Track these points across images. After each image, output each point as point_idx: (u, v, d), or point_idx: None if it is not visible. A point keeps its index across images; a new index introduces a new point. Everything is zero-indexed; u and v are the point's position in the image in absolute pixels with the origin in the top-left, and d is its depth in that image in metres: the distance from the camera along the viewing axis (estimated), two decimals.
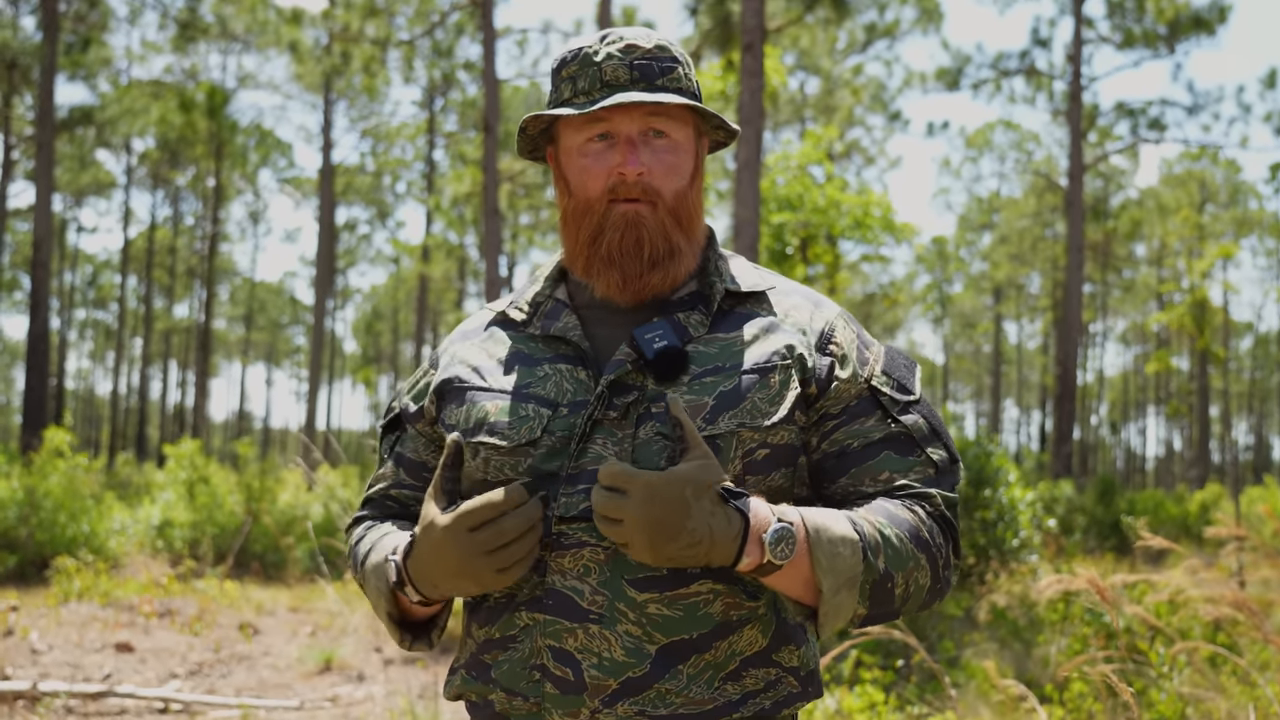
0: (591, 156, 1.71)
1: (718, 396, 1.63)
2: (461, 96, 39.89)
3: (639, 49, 1.70)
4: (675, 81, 1.71)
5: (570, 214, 1.75)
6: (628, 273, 1.70)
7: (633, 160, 1.68)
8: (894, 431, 1.70)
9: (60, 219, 45.44)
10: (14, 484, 12.89)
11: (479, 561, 1.55)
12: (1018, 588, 10.61)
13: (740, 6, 13.01)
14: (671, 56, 1.73)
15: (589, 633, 1.59)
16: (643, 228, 1.69)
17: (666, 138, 1.71)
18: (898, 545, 1.59)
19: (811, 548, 1.53)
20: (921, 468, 1.69)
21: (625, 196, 1.69)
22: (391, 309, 58.07)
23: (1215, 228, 46.63)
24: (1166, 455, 65.82)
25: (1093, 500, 20.61)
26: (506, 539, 1.54)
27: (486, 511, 1.54)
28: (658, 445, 1.61)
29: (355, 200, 49.29)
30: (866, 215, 14.80)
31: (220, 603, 10.78)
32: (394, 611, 1.74)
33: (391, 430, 1.89)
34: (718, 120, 1.76)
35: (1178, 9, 29.56)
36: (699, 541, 1.47)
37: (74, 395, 62.67)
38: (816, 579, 1.53)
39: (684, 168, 1.73)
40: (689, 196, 1.73)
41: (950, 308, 57.96)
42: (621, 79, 1.68)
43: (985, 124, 48.27)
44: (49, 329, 23.21)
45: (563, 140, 1.75)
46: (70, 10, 28.23)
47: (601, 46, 1.71)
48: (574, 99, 1.70)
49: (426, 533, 1.60)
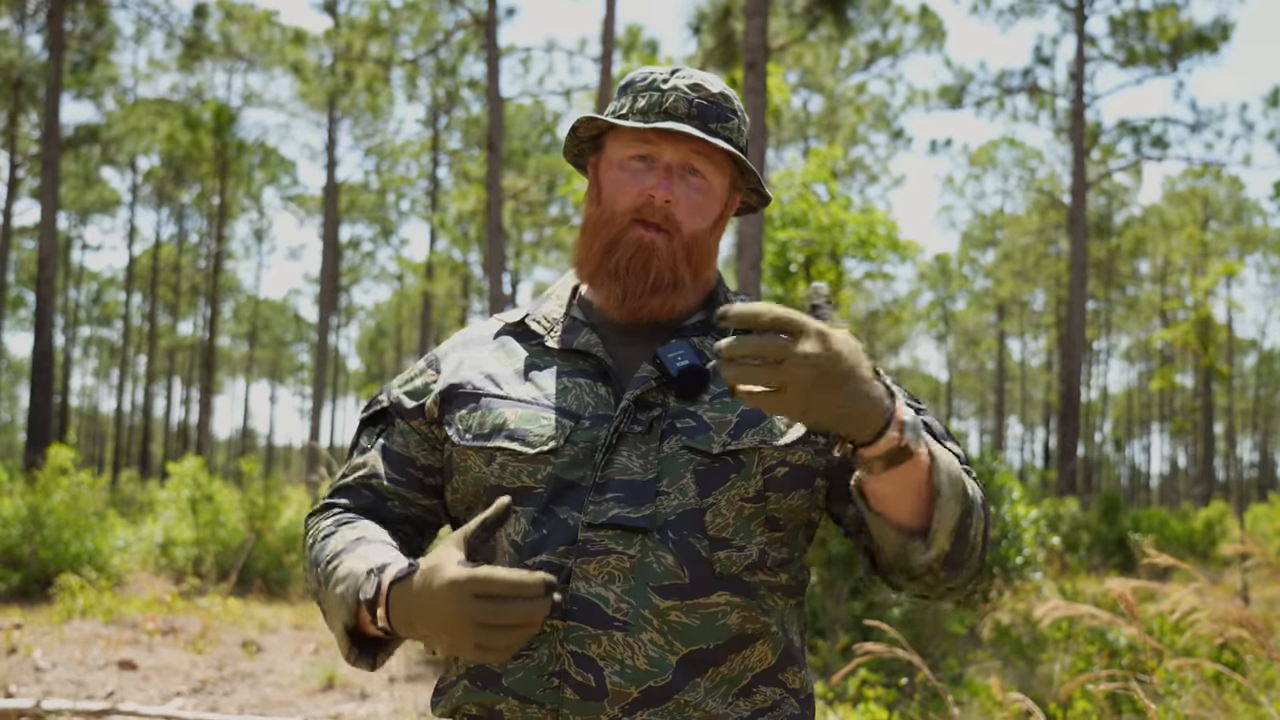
0: (629, 172, 1.76)
1: (741, 414, 1.68)
2: (465, 114, 40.00)
3: (705, 90, 1.77)
4: (728, 130, 1.77)
5: (593, 221, 1.80)
6: (629, 289, 1.74)
7: (664, 186, 1.73)
8: None
9: (65, 237, 45.52)
10: (18, 501, 12.89)
11: (466, 628, 1.43)
12: (1022, 605, 10.60)
13: (743, 25, 13.04)
14: (732, 108, 1.79)
15: (613, 640, 1.59)
16: (653, 254, 1.74)
17: (703, 178, 1.76)
18: (974, 488, 1.61)
19: (932, 449, 1.52)
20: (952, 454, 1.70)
21: (647, 219, 1.74)
22: (395, 326, 58.13)
23: (1219, 245, 46.64)
24: (1171, 473, 65.74)
25: (1097, 518, 20.59)
26: (504, 622, 1.42)
27: (502, 587, 1.42)
28: (683, 459, 1.65)
29: (359, 218, 49.38)
30: (871, 233, 14.82)
31: (223, 620, 10.77)
32: (351, 624, 1.63)
33: (374, 423, 1.87)
34: (755, 182, 1.82)
35: (1180, 27, 29.64)
36: (854, 401, 1.41)
37: (78, 412, 62.72)
38: (934, 480, 1.52)
39: (709, 211, 1.78)
40: (705, 239, 1.78)
41: (954, 325, 57.98)
42: (680, 111, 1.74)
43: (988, 141, 48.41)
44: (53, 346, 23.25)
45: (607, 151, 1.81)
46: (76, 29, 28.36)
47: (672, 78, 1.78)
48: (630, 115, 1.76)
49: (431, 574, 1.48)
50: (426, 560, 1.51)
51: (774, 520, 1.68)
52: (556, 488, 1.66)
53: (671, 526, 1.62)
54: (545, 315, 1.84)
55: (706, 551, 1.63)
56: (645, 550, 1.61)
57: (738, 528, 1.64)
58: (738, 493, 1.64)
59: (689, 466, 1.65)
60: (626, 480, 1.64)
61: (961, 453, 1.73)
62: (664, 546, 1.61)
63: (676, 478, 1.64)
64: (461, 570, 1.44)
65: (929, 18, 35.41)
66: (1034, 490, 21.58)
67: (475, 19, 22.27)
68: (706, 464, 1.65)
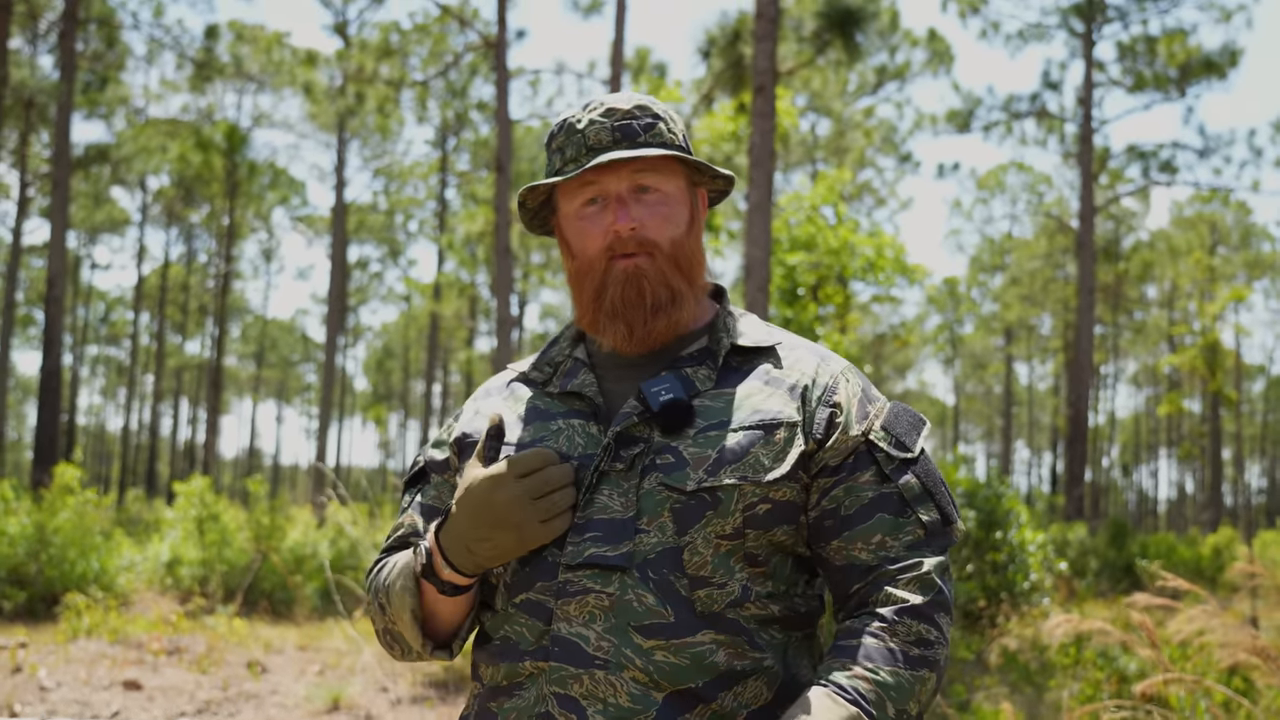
0: (586, 219, 1.78)
1: (720, 450, 1.66)
2: (474, 136, 40.12)
3: (618, 110, 1.77)
4: (658, 137, 1.77)
5: (575, 275, 1.81)
6: (632, 322, 1.75)
7: (623, 216, 1.74)
8: (886, 492, 1.69)
9: (74, 256, 45.68)
10: (24, 519, 12.89)
11: (526, 509, 1.61)
12: (1029, 631, 10.56)
13: (752, 49, 13.07)
14: (652, 113, 1.79)
15: (595, 679, 1.60)
16: (643, 279, 1.75)
17: (655, 191, 1.77)
18: (900, 682, 1.58)
19: None
20: (912, 528, 1.68)
21: (623, 252, 1.75)
22: (402, 347, 58.17)
23: (1226, 270, 46.60)
24: (1178, 498, 65.55)
25: (1105, 543, 20.53)
26: (552, 486, 1.62)
27: (535, 460, 1.63)
28: (660, 495, 1.65)
29: (367, 238, 49.46)
30: (879, 257, 14.82)
31: (229, 640, 10.75)
32: (417, 609, 1.75)
33: (415, 484, 1.93)
34: (709, 169, 1.81)
35: (1189, 53, 29.68)
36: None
37: (85, 431, 62.76)
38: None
39: (678, 217, 1.78)
40: (686, 244, 1.79)
41: (961, 348, 57.91)
42: (605, 141, 1.75)
43: (997, 166, 48.41)
44: (61, 365, 23.28)
45: (561, 208, 1.83)
46: (88, 50, 28.50)
47: (584, 114, 1.78)
48: (564, 168, 1.77)
49: (469, 490, 1.66)
50: (456, 494, 1.69)
51: (753, 556, 1.66)
52: None
53: (651, 565, 1.62)
54: (549, 361, 1.88)
55: (686, 590, 1.62)
56: (624, 588, 1.62)
57: (716, 565, 1.64)
58: (714, 530, 1.63)
59: (666, 504, 1.64)
60: (606, 519, 1.65)
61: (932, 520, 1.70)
62: (644, 585, 1.61)
63: (655, 515, 1.64)
64: (495, 466, 1.66)
65: (937, 42, 35.48)
66: (1041, 515, 21.51)
67: (485, 41, 22.35)
68: (683, 501, 1.64)
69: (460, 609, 1.75)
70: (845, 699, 1.54)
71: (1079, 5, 29.77)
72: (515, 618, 1.68)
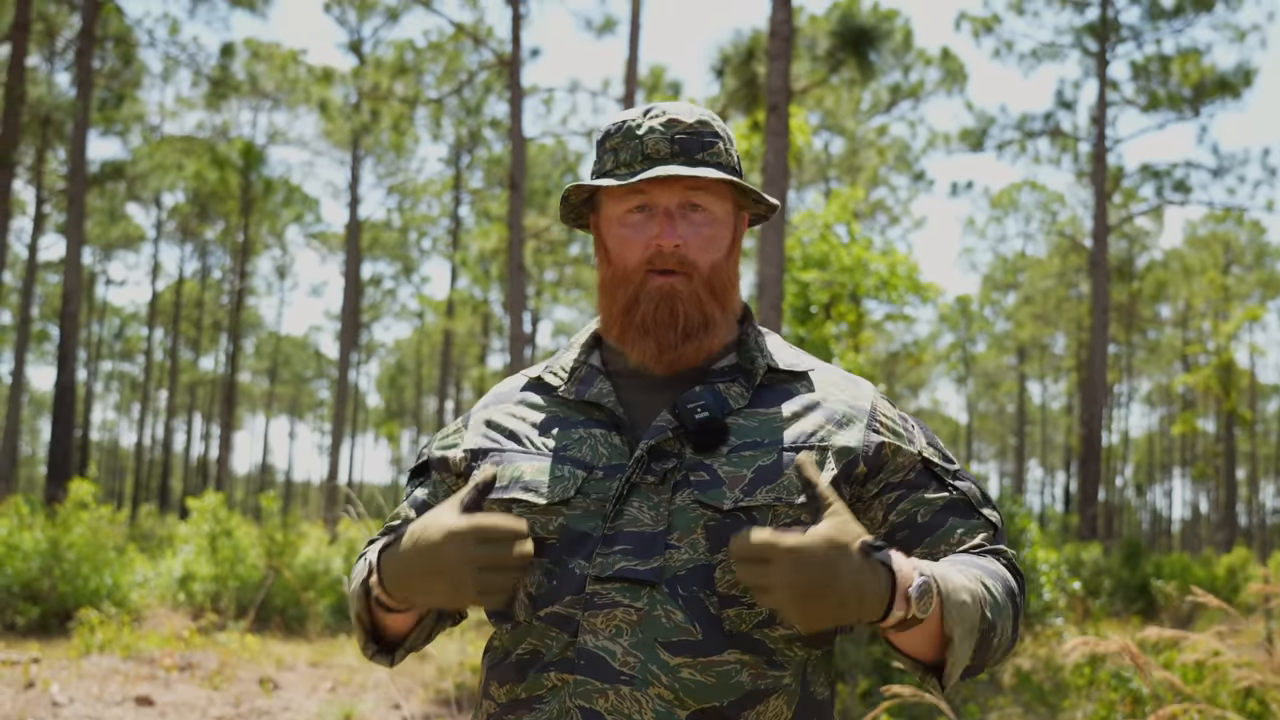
0: (630, 227, 1.75)
1: (756, 470, 1.66)
2: (487, 154, 40.21)
3: (681, 124, 1.74)
4: (715, 156, 1.75)
5: (608, 282, 1.78)
6: (663, 343, 1.73)
7: (669, 233, 1.71)
8: (954, 498, 1.74)
9: (89, 272, 45.84)
10: (38, 535, 12.92)
11: (468, 573, 1.49)
12: (1043, 651, 10.52)
13: (766, 68, 13.10)
14: (713, 132, 1.76)
15: (620, 694, 1.58)
16: (677, 300, 1.72)
17: (704, 211, 1.74)
18: (997, 596, 1.62)
19: (943, 599, 1.52)
20: (984, 528, 1.74)
21: (661, 268, 1.72)
22: (415, 363, 58.22)
23: (1240, 290, 46.47)
24: (1193, 518, 65.27)
25: (1119, 563, 20.44)
26: (505, 564, 1.50)
27: (503, 533, 1.50)
28: (694, 513, 1.63)
29: (381, 255, 49.57)
30: (892, 275, 14.82)
31: (241, 657, 10.75)
32: (363, 613, 1.72)
33: (417, 477, 1.92)
34: (756, 195, 1.79)
35: (1202, 72, 29.66)
36: (846, 600, 1.43)
37: (98, 446, 62.90)
38: (946, 627, 1.53)
39: (721, 240, 1.76)
40: (724, 269, 1.76)
41: (974, 367, 57.79)
42: (662, 153, 1.72)
43: (1010, 184, 48.38)
44: (75, 381, 23.35)
45: (604, 209, 1.79)
46: (105, 67, 28.66)
47: (644, 120, 1.75)
48: (616, 170, 1.74)
49: (424, 530, 1.55)
50: (415, 522, 1.59)
51: None
52: (569, 539, 1.67)
53: (681, 581, 1.61)
54: (562, 367, 1.84)
55: (716, 608, 1.61)
56: (653, 603, 1.60)
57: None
58: None
59: (700, 521, 1.63)
60: (636, 532, 1.63)
61: (998, 521, 1.77)
62: (672, 601, 1.60)
63: (687, 532, 1.63)
64: (462, 519, 1.52)
65: (950, 61, 35.51)
66: (1055, 535, 21.45)
67: (499, 59, 22.43)
68: (717, 520, 1.63)
69: (403, 620, 1.72)
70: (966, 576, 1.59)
71: (1093, 25, 29.79)
72: (540, 630, 1.66)
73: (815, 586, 1.40)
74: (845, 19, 17.79)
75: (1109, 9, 29.58)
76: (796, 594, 1.40)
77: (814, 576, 1.40)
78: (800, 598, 1.40)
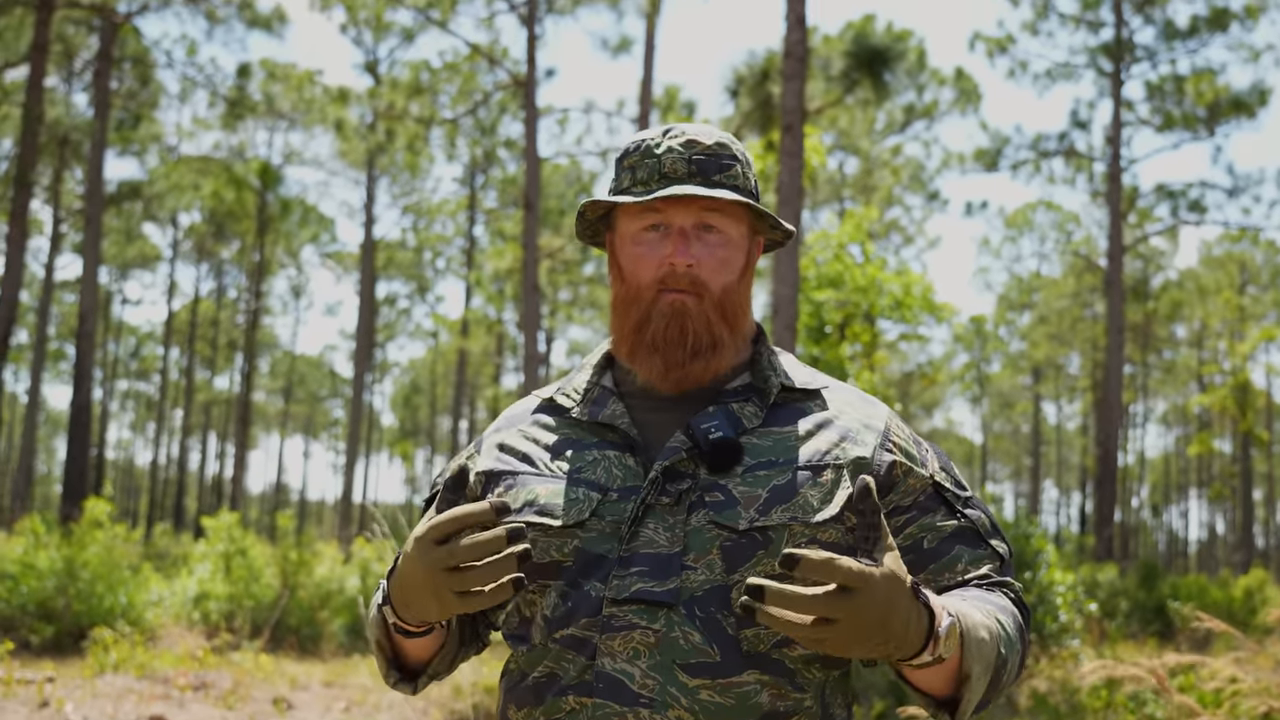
0: (645, 245, 1.75)
1: (771, 489, 1.65)
2: (502, 174, 40.31)
3: (699, 144, 1.74)
4: (733, 179, 1.74)
5: (620, 300, 1.78)
6: (669, 360, 1.72)
7: (682, 252, 1.71)
8: (962, 526, 1.73)
9: (106, 291, 46.04)
10: (53, 554, 12.94)
11: (439, 578, 1.48)
12: (1059, 673, 10.46)
13: (780, 88, 13.13)
14: (731, 154, 1.76)
15: (639, 717, 1.58)
16: (687, 318, 1.72)
17: (719, 233, 1.74)
18: (1009, 633, 1.62)
19: (964, 636, 1.50)
20: (991, 559, 1.73)
21: (674, 287, 1.72)
22: (430, 383, 58.30)
23: (1256, 310, 46.31)
24: (1209, 539, 64.91)
25: (1135, 584, 20.34)
26: (461, 560, 1.46)
27: (448, 525, 1.48)
28: (710, 534, 1.63)
29: (396, 275, 49.71)
30: (906, 295, 14.82)
31: (255, 676, 10.75)
32: (383, 639, 1.72)
33: (432, 504, 1.90)
34: (773, 220, 1.79)
35: (1217, 92, 29.63)
36: (890, 639, 1.40)
37: (114, 465, 63.07)
38: (965, 667, 1.52)
39: (734, 263, 1.76)
40: (736, 291, 1.76)
41: (988, 387, 57.66)
42: (679, 172, 1.72)
43: (1025, 204, 48.34)
44: (91, 400, 23.44)
45: (619, 227, 1.79)
46: (122, 88, 28.84)
47: (663, 140, 1.75)
48: (632, 188, 1.74)
49: (407, 544, 1.56)
50: None
51: None
52: (584, 561, 1.66)
53: (698, 603, 1.61)
54: (575, 388, 1.84)
55: (733, 629, 1.61)
56: (670, 625, 1.60)
57: None
58: (763, 569, 1.61)
59: (716, 542, 1.63)
60: (652, 554, 1.63)
61: (1005, 552, 1.75)
62: (690, 623, 1.60)
63: (703, 553, 1.62)
64: (423, 523, 1.51)
65: (965, 81, 35.54)
66: (1071, 556, 21.36)
67: (514, 80, 22.51)
68: (734, 540, 1.63)
69: (423, 646, 1.72)
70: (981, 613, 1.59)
71: (1107, 45, 29.79)
72: (556, 653, 1.65)
73: (875, 622, 1.38)
74: (860, 39, 17.83)
75: (1123, 29, 29.58)
76: (858, 627, 1.37)
77: (881, 613, 1.38)
78: (859, 630, 1.37)
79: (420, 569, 1.50)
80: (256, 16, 27.68)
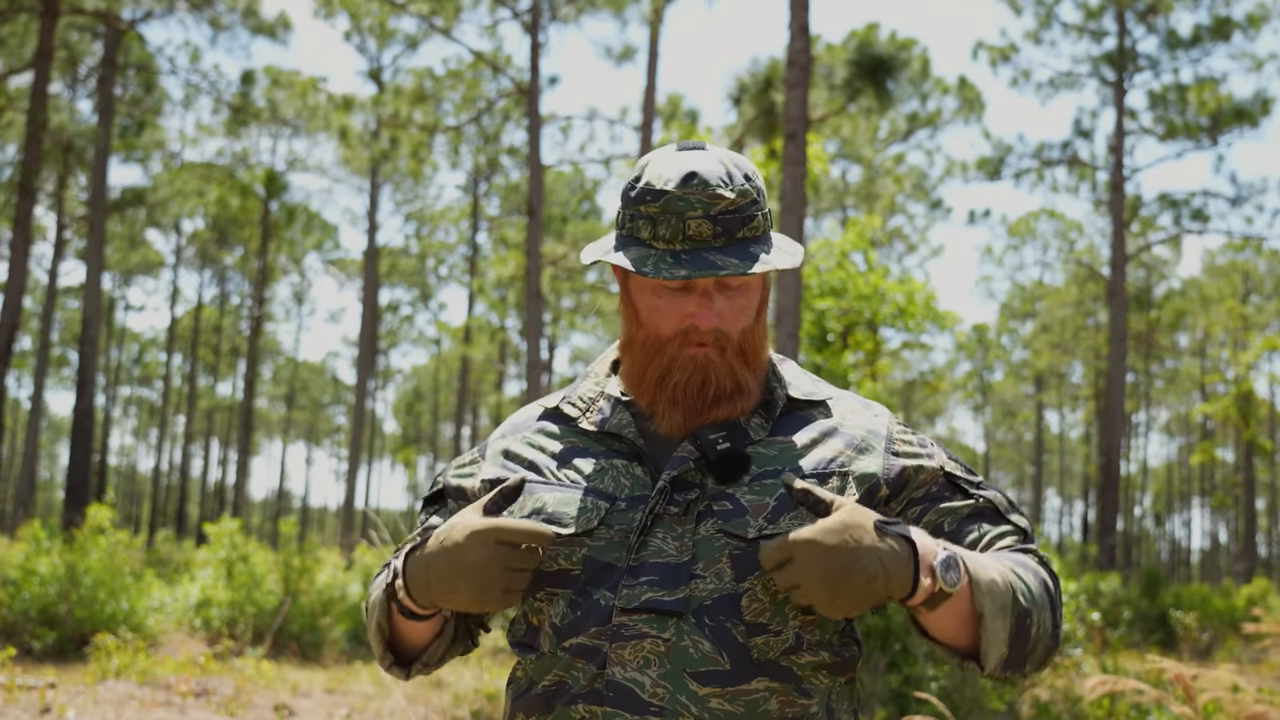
0: (665, 298, 1.72)
1: (779, 498, 1.66)
2: (505, 181, 40.33)
3: (722, 199, 1.67)
4: (755, 230, 1.70)
5: (639, 344, 1.76)
6: (688, 412, 1.73)
7: (707, 315, 1.69)
8: (980, 505, 1.75)
9: (109, 297, 46.10)
10: (55, 560, 12.95)
11: (493, 573, 1.58)
12: (1061, 682, 10.44)
13: (783, 96, 13.15)
14: (752, 200, 1.70)
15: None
16: (710, 370, 1.71)
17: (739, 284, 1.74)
18: (1030, 584, 1.63)
19: (971, 574, 1.54)
20: (1013, 533, 1.74)
21: (696, 341, 1.71)
22: (432, 390, 58.33)
23: (1259, 319, 46.28)
24: (1212, 548, 64.85)
25: (1138, 593, 20.33)
26: (521, 564, 1.59)
27: (525, 536, 1.58)
28: (719, 542, 1.64)
29: (399, 282, 49.75)
30: (909, 303, 14.81)
31: (257, 683, 10.74)
32: (384, 623, 1.76)
33: (432, 504, 1.92)
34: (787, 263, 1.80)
35: (1220, 101, 29.65)
36: (874, 577, 1.48)
37: (116, 471, 63.10)
38: (976, 604, 1.54)
39: (751, 306, 1.75)
40: (755, 332, 1.76)
41: (991, 396, 57.64)
42: (705, 234, 1.66)
43: (1028, 213, 48.30)
44: (94, 406, 23.45)
45: None
46: (126, 94, 28.90)
47: (684, 192, 1.67)
48: (654, 242, 1.68)
49: (449, 532, 1.62)
50: (441, 525, 1.68)
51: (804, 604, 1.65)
52: (593, 570, 1.67)
53: (708, 611, 1.62)
54: (580, 396, 1.84)
55: (743, 637, 1.62)
56: (680, 634, 1.61)
57: (774, 612, 1.64)
58: (772, 577, 1.62)
59: (725, 550, 1.64)
60: (661, 563, 1.64)
61: (1027, 526, 1.76)
62: (699, 631, 1.61)
63: (712, 561, 1.63)
64: (485, 520, 1.60)
65: (968, 90, 35.56)
66: (1073, 564, 21.33)
67: (518, 88, 22.55)
68: (742, 548, 1.64)
69: (422, 632, 1.76)
70: None
71: (1110, 54, 29.82)
72: (566, 661, 1.66)
73: (840, 569, 1.46)
74: (863, 48, 17.85)
75: (1126, 38, 29.62)
76: (825, 581, 1.46)
77: (836, 560, 1.46)
78: (829, 583, 1.46)
79: (472, 558, 1.58)
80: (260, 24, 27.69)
